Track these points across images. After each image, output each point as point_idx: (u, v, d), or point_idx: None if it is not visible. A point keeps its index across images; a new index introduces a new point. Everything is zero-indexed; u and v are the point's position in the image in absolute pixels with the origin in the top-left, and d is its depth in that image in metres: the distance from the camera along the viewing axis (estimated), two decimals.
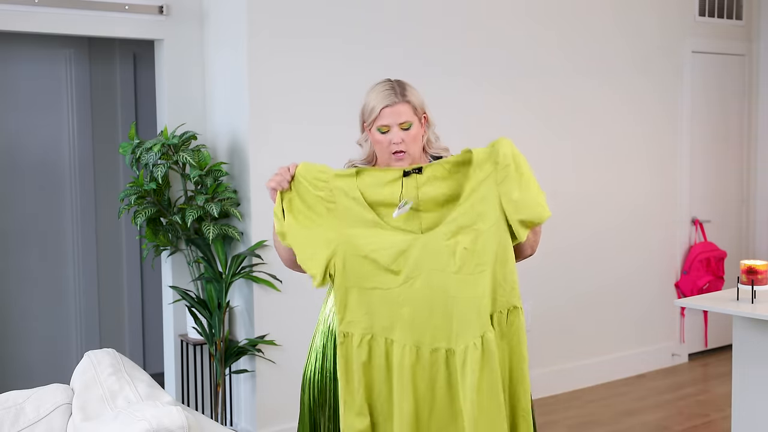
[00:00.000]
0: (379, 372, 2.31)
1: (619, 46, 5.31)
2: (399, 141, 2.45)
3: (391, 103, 2.45)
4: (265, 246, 4.06)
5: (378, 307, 2.31)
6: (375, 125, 2.47)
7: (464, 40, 4.65)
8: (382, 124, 2.45)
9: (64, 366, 5.00)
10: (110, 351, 2.40)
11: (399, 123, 2.45)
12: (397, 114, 2.45)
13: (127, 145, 4.00)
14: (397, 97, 2.46)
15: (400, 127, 2.45)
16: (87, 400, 2.15)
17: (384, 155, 2.50)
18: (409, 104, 2.47)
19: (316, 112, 4.19)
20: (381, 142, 2.47)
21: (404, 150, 2.45)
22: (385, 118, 2.45)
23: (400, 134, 2.45)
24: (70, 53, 5.04)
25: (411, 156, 2.48)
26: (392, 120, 2.44)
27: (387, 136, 2.46)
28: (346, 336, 2.32)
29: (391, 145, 2.45)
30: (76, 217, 5.10)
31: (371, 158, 2.58)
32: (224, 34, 4.18)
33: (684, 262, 5.73)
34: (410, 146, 2.47)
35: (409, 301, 2.29)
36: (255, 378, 4.11)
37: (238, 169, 4.15)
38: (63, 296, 5.10)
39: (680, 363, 5.74)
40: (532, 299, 4.94)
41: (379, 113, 2.46)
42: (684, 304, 3.63)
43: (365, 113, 2.50)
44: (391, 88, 2.48)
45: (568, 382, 5.16)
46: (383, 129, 2.46)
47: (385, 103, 2.45)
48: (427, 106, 2.53)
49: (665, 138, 5.61)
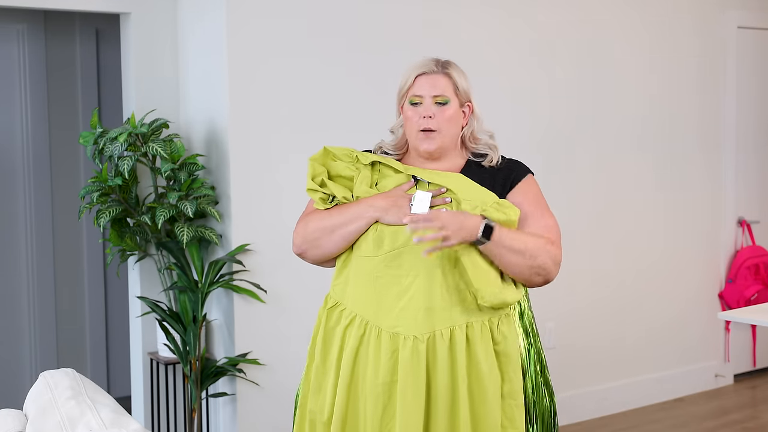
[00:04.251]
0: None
1: (655, 19, 5.31)
2: (430, 114, 2.45)
3: (428, 71, 2.47)
4: (247, 251, 4.06)
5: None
6: (407, 97, 2.49)
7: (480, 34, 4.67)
8: (415, 94, 2.47)
9: (16, 389, 4.99)
10: (69, 371, 2.39)
11: (434, 95, 2.46)
12: (433, 84, 2.46)
13: (88, 134, 4.00)
14: (436, 67, 2.48)
15: (434, 100, 2.46)
16: (42, 428, 2.14)
17: (412, 135, 2.50)
18: (449, 78, 2.48)
19: (303, 98, 4.19)
20: (411, 118, 2.48)
21: (434, 128, 2.45)
22: (418, 86, 2.47)
23: (433, 108, 2.46)
24: (22, 28, 5.04)
25: (442, 138, 2.47)
26: (426, 90, 2.46)
27: (418, 109, 2.47)
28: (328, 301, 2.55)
29: (420, 119, 2.46)
30: (30, 218, 5.09)
31: (401, 146, 2.58)
32: (201, 8, 4.18)
33: (729, 269, 5.74)
34: (443, 125, 2.46)
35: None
36: (235, 402, 4.12)
37: (215, 162, 4.15)
38: (14, 309, 5.10)
39: (725, 385, 5.75)
40: (556, 313, 4.95)
41: (413, 81, 2.48)
42: (729, 318, 3.64)
43: (400, 88, 2.52)
44: (433, 59, 2.51)
45: (597, 407, 5.16)
46: (415, 100, 2.47)
47: (421, 70, 2.48)
48: (473, 96, 2.53)
49: (706, 128, 5.61)
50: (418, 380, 2.35)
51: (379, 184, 2.51)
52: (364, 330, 2.41)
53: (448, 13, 4.56)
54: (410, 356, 2.35)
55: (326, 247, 2.50)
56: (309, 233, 2.51)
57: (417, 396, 2.35)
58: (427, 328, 2.37)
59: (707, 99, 5.59)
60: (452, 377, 2.38)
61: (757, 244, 5.85)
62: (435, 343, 2.37)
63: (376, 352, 2.39)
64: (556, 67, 4.94)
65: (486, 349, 2.40)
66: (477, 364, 2.38)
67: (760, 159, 5.94)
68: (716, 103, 5.63)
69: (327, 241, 2.49)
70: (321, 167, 2.54)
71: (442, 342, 2.37)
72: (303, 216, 2.57)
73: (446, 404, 2.38)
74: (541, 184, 2.65)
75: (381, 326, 2.39)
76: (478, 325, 2.40)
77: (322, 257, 2.54)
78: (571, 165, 5.01)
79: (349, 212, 2.46)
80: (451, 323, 2.38)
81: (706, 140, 5.61)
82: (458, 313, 2.39)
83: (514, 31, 4.79)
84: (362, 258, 2.45)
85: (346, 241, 2.47)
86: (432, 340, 2.37)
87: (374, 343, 2.40)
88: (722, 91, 5.66)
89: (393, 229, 2.41)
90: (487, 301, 2.37)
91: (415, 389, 2.35)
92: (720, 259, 5.71)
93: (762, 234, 5.92)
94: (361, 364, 2.42)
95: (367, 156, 2.54)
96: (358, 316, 2.43)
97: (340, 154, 2.54)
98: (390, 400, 2.38)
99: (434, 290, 2.38)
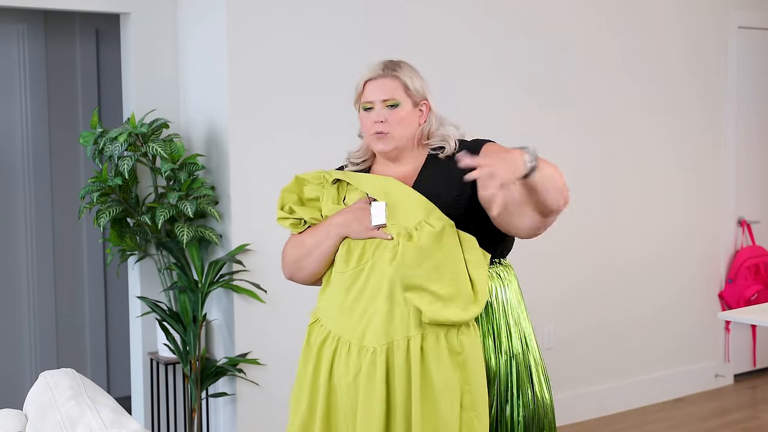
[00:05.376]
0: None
1: (654, 21, 5.31)
2: (381, 119, 2.47)
3: (375, 75, 2.49)
4: (247, 251, 4.06)
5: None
6: (360, 104, 2.52)
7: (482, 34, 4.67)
8: (366, 101, 2.50)
9: (16, 389, 4.99)
10: (69, 371, 2.40)
11: (382, 99, 2.47)
12: (381, 88, 2.48)
13: (88, 134, 4.00)
14: (383, 70, 2.49)
15: (384, 104, 2.47)
16: (42, 428, 2.15)
17: (368, 139, 2.53)
18: (397, 80, 2.49)
19: (304, 99, 4.19)
20: (364, 124, 2.52)
21: (386, 131, 2.47)
22: (368, 93, 2.49)
23: (383, 112, 2.47)
24: (22, 28, 5.04)
25: (395, 140, 2.49)
26: (375, 95, 2.48)
27: (370, 115, 2.49)
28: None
29: (373, 124, 2.48)
30: (30, 218, 5.10)
31: (365, 152, 2.62)
32: (201, 8, 4.18)
33: (729, 270, 5.74)
34: (395, 128, 2.47)
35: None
36: (235, 402, 4.12)
37: (215, 162, 4.15)
38: (14, 309, 5.10)
39: (725, 385, 5.75)
40: (556, 313, 4.95)
41: (363, 88, 2.51)
42: (729, 318, 3.64)
43: (355, 96, 2.55)
44: (381, 63, 2.52)
45: (596, 407, 5.16)
46: (367, 105, 2.50)
47: (369, 75, 2.50)
48: (429, 93, 2.53)
49: (707, 127, 5.61)
50: (375, 390, 2.37)
51: (347, 198, 2.55)
52: (336, 344, 2.46)
53: (458, 16, 4.57)
54: (369, 367, 2.38)
55: (308, 269, 2.58)
56: (290, 258, 2.61)
57: (375, 406, 2.36)
58: (386, 339, 2.38)
59: (707, 99, 5.59)
60: (407, 387, 2.38)
61: (757, 244, 5.85)
62: (393, 353, 2.38)
63: (346, 366, 2.42)
64: (565, 73, 4.94)
65: (439, 361, 2.37)
66: (429, 375, 2.37)
67: (760, 159, 5.94)
68: (716, 102, 5.63)
69: (307, 263, 2.57)
70: (291, 195, 2.61)
71: (399, 352, 2.37)
72: (286, 242, 2.66)
73: (402, 414, 2.38)
74: None
75: (351, 341, 2.43)
76: (433, 337, 2.38)
77: (309, 278, 2.62)
78: (572, 169, 5.01)
79: (316, 234, 2.54)
80: (408, 334, 2.38)
81: (706, 140, 5.61)
82: (414, 324, 2.38)
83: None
84: (336, 274, 2.50)
85: (322, 261, 2.55)
86: (390, 350, 2.38)
87: (345, 357, 2.43)
88: (722, 91, 5.66)
89: (360, 243, 2.45)
90: (427, 318, 2.36)
91: (373, 399, 2.36)
92: (720, 259, 5.71)
93: (762, 234, 5.92)
94: (334, 378, 2.45)
95: (333, 173, 2.59)
96: (331, 332, 2.48)
97: (310, 178, 2.61)
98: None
99: (395, 301, 2.38)
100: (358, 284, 2.43)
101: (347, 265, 2.46)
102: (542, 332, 4.87)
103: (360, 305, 2.42)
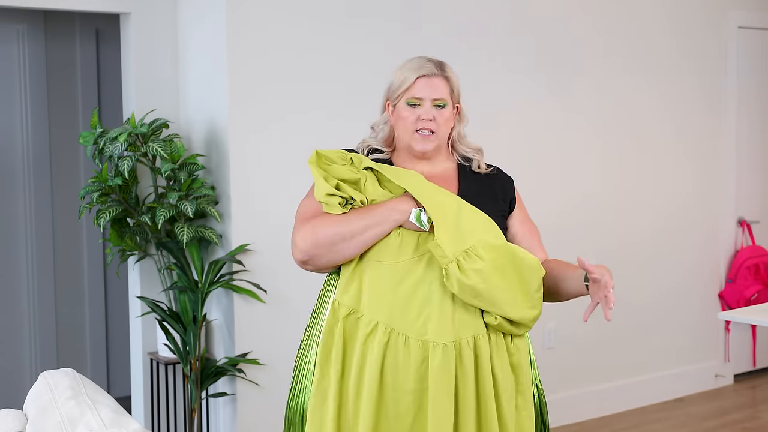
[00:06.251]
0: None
1: (654, 21, 5.31)
2: (430, 117, 2.46)
3: (429, 73, 2.48)
4: (247, 251, 4.06)
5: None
6: (404, 97, 2.47)
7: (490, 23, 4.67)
8: (414, 96, 2.47)
9: (16, 389, 4.99)
10: (69, 371, 2.40)
11: (433, 98, 2.47)
12: (434, 87, 2.47)
13: (88, 134, 4.01)
14: (436, 69, 2.49)
15: (433, 102, 2.47)
16: (42, 428, 2.15)
17: (406, 134, 2.49)
18: (447, 81, 2.50)
19: (305, 99, 4.19)
20: (407, 118, 2.47)
21: (433, 130, 2.46)
22: (419, 89, 2.46)
23: (432, 111, 2.47)
24: (22, 28, 5.04)
25: (438, 140, 2.49)
26: (427, 93, 2.46)
27: (416, 110, 2.47)
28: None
29: (419, 120, 2.46)
30: (30, 218, 5.10)
31: (389, 141, 2.57)
32: (201, 8, 4.18)
33: (729, 269, 5.74)
34: (441, 128, 2.48)
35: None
36: (235, 402, 4.12)
37: (216, 162, 4.15)
38: (14, 309, 5.10)
39: (725, 385, 5.75)
40: (556, 313, 4.94)
41: (413, 83, 2.47)
42: (729, 318, 3.64)
43: (393, 87, 2.51)
44: (430, 61, 2.51)
45: (596, 407, 5.16)
46: (414, 101, 2.47)
47: (422, 72, 2.47)
48: (461, 97, 2.55)
49: (707, 128, 5.61)
50: (448, 388, 2.32)
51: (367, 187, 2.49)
52: (389, 338, 2.35)
53: (461, 17, 4.57)
54: (441, 364, 2.32)
55: (343, 253, 2.40)
56: (322, 238, 2.39)
57: (448, 404, 2.32)
58: (453, 336, 2.34)
59: (707, 98, 5.59)
60: (477, 385, 2.36)
61: (757, 244, 5.85)
62: (461, 351, 2.34)
63: (405, 359, 2.34)
64: (563, 76, 4.94)
65: (502, 360, 2.39)
66: (495, 374, 2.38)
67: (760, 159, 5.94)
68: (716, 104, 5.63)
69: (344, 247, 2.39)
70: (323, 171, 2.46)
71: (468, 350, 2.34)
72: (303, 221, 2.45)
73: (473, 412, 2.36)
74: (541, 184, 2.65)
75: (408, 334, 2.34)
76: (495, 336, 2.39)
77: (334, 263, 2.43)
78: (570, 172, 5.01)
79: (370, 216, 2.39)
80: (475, 332, 2.36)
81: (706, 141, 5.61)
82: (480, 321, 2.37)
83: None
84: (382, 263, 2.39)
85: (364, 245, 2.39)
86: (458, 347, 2.34)
87: (402, 351, 2.34)
88: (723, 91, 5.66)
89: (416, 235, 2.39)
90: (522, 319, 2.39)
91: (446, 397, 2.32)
92: (720, 259, 5.71)
93: (762, 234, 5.92)
94: (388, 373, 2.35)
95: (362, 159, 2.48)
96: (380, 323, 2.36)
97: (334, 157, 2.48)
98: (420, 409, 2.34)
99: (457, 298, 2.35)
100: (414, 276, 2.36)
101: (400, 256, 2.38)
102: (542, 332, 4.87)
103: (417, 298, 2.35)
